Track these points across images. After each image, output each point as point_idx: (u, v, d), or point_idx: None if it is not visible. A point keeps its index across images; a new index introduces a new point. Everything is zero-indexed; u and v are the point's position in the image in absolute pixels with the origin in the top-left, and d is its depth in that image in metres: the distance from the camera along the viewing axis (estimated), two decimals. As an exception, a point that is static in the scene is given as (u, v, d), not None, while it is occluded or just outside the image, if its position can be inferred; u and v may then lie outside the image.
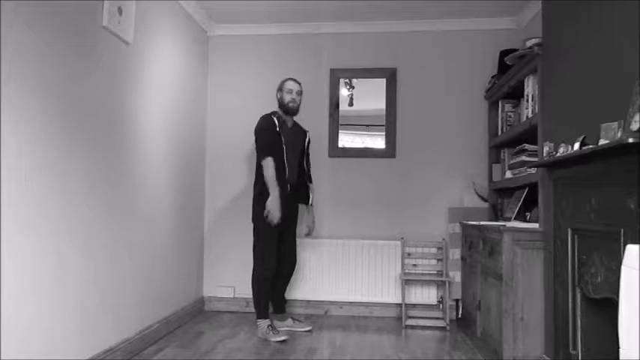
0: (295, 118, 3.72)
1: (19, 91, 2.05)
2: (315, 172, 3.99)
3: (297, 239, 3.74)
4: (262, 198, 3.46)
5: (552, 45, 2.70)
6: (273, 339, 3.35)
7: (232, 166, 4.35)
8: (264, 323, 3.46)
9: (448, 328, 3.77)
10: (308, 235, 3.81)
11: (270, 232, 3.44)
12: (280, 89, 3.64)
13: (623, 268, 1.60)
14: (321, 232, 4.18)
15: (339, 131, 4.32)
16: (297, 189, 3.61)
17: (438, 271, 4.05)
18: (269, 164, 3.41)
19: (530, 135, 3.06)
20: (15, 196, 2.02)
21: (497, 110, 3.71)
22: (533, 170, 2.97)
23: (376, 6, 3.94)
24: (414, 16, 4.15)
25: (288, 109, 3.60)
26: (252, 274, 3.53)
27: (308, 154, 3.78)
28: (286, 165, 3.50)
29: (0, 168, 1.94)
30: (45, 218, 2.21)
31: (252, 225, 3.55)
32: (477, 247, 3.34)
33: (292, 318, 3.73)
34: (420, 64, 4.26)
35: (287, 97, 3.59)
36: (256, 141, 3.53)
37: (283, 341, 3.33)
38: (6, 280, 1.97)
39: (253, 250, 3.55)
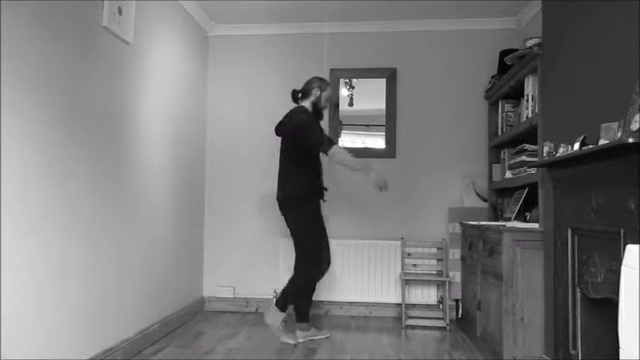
0: None
1: (20, 91, 2.04)
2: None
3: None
4: (305, 199, 3.31)
5: (552, 45, 2.70)
6: (283, 338, 3.31)
7: (232, 166, 4.35)
8: (279, 316, 3.30)
9: (448, 328, 3.77)
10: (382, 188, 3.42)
11: (319, 231, 3.37)
12: (321, 89, 3.43)
13: (623, 268, 1.60)
14: (321, 232, 4.18)
15: (339, 131, 4.32)
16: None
17: (438, 271, 4.05)
18: (338, 150, 3.29)
19: (530, 135, 3.06)
20: (15, 196, 2.02)
21: (497, 110, 3.71)
22: (533, 170, 2.97)
23: (376, 6, 3.94)
24: (414, 16, 4.15)
25: (320, 114, 3.47)
26: (299, 276, 3.35)
27: None
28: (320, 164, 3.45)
29: (0, 167, 1.94)
30: (45, 218, 2.21)
31: (287, 232, 3.41)
32: (477, 247, 3.34)
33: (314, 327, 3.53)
34: (420, 64, 4.26)
35: (324, 103, 3.45)
36: (302, 134, 3.26)
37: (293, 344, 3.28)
38: (6, 280, 1.97)
39: (298, 260, 3.38)
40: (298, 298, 3.39)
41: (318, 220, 3.39)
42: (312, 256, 3.33)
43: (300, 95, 3.48)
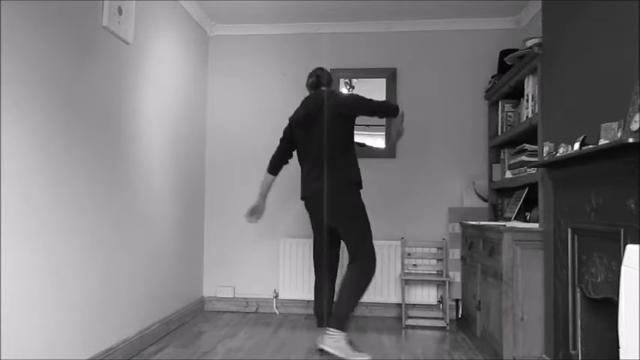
0: None
1: (20, 91, 2.05)
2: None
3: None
4: (359, 186, 3.07)
5: (552, 45, 2.70)
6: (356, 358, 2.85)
7: (233, 166, 4.35)
8: (343, 338, 2.87)
9: (448, 328, 3.77)
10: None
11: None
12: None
13: (623, 268, 1.60)
14: (321, 232, 4.18)
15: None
16: None
17: (438, 271, 4.05)
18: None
19: (530, 135, 3.06)
20: (15, 195, 2.02)
21: (497, 110, 3.71)
22: (533, 170, 2.97)
23: (376, 6, 3.94)
24: (414, 16, 4.15)
25: None
26: (360, 272, 2.92)
27: None
28: None
29: (0, 167, 1.94)
30: (45, 218, 2.21)
31: (343, 220, 3.01)
32: (477, 247, 3.34)
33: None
34: (420, 64, 4.26)
35: None
36: (365, 104, 3.03)
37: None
38: (6, 280, 1.97)
39: (355, 251, 2.97)
40: (353, 297, 2.90)
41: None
42: (372, 244, 2.99)
43: (324, 82, 3.23)
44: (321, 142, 3.01)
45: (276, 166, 3.33)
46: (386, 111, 3.15)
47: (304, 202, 3.18)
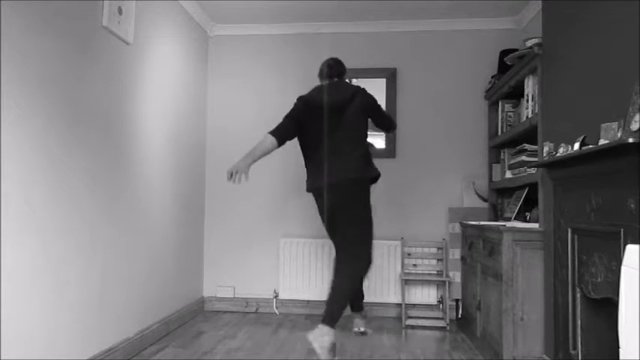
0: None
1: (20, 91, 2.05)
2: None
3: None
4: (373, 182, 3.00)
5: (552, 45, 2.70)
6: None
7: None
8: (333, 336, 2.68)
9: (448, 328, 3.77)
10: None
11: None
12: None
13: (623, 268, 1.60)
14: (321, 232, 4.18)
15: (339, 131, 4.31)
16: None
17: (438, 271, 4.05)
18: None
19: (530, 135, 3.06)
20: (15, 195, 2.02)
21: (497, 110, 3.71)
22: (533, 170, 2.97)
23: (376, 6, 3.94)
24: (414, 16, 4.15)
25: None
26: (353, 269, 2.84)
27: None
28: None
29: (0, 167, 1.94)
30: (46, 218, 2.21)
31: (356, 216, 2.90)
32: (477, 247, 3.34)
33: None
34: (420, 64, 4.27)
35: None
36: (382, 112, 3.05)
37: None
38: (6, 280, 1.97)
39: (357, 244, 2.88)
40: (343, 294, 2.80)
41: None
42: (366, 248, 2.93)
43: (341, 72, 3.10)
44: (343, 132, 2.88)
45: (284, 138, 3.03)
46: (392, 123, 3.19)
47: (314, 195, 2.97)
